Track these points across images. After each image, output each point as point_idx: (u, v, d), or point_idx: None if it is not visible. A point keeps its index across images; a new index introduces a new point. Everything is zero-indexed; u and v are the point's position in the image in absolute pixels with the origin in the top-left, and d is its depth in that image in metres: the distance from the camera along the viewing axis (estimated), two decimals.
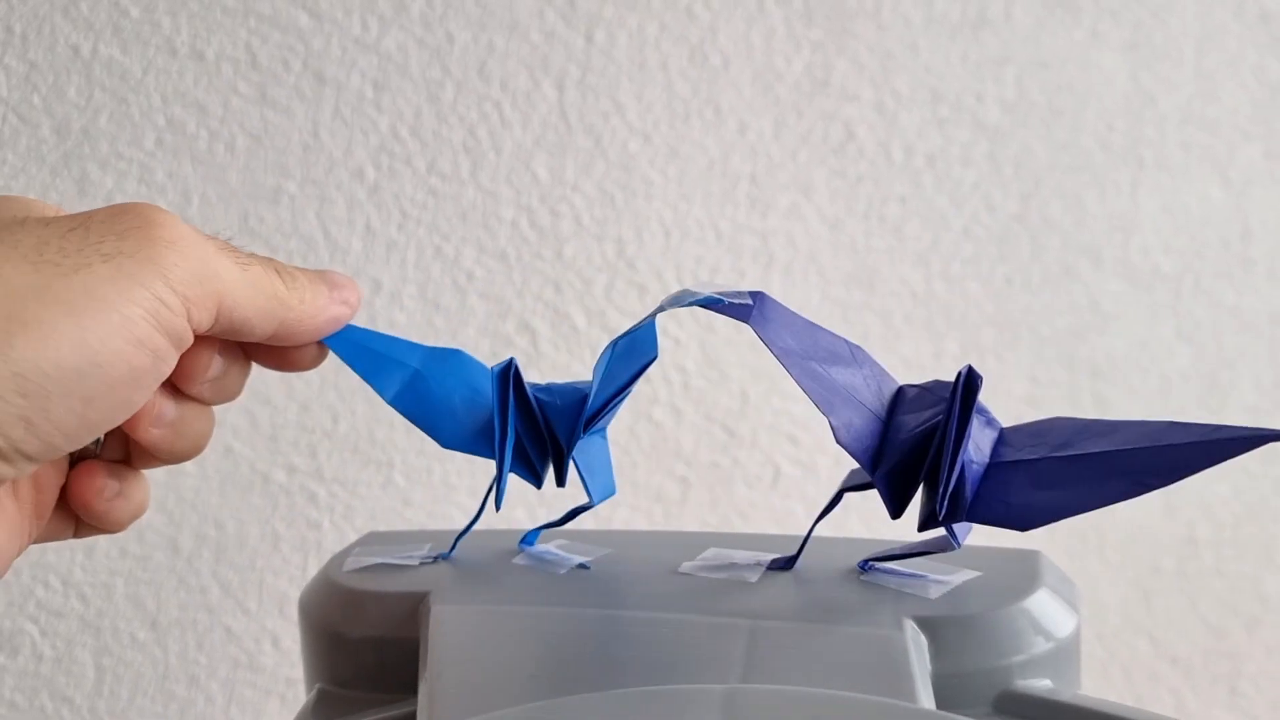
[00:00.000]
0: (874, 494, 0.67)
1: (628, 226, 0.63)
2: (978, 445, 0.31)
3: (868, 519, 0.66)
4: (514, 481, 0.52)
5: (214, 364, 0.32)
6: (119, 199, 0.62)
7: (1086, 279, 0.65)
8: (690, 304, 0.32)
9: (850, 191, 0.64)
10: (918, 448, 0.31)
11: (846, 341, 0.33)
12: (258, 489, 0.63)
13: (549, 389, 0.36)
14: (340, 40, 0.62)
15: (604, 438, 0.37)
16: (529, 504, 0.64)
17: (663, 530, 0.63)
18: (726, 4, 0.63)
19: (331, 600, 0.36)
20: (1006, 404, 0.66)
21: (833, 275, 0.64)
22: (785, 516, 0.65)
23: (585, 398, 0.35)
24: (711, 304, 0.32)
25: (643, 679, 0.29)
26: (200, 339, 0.31)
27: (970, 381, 0.30)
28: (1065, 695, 0.30)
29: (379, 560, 0.37)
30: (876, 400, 0.32)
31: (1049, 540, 0.67)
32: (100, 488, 0.33)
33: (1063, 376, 0.66)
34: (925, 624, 0.30)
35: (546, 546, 0.38)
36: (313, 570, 0.63)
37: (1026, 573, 0.33)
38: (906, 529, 0.68)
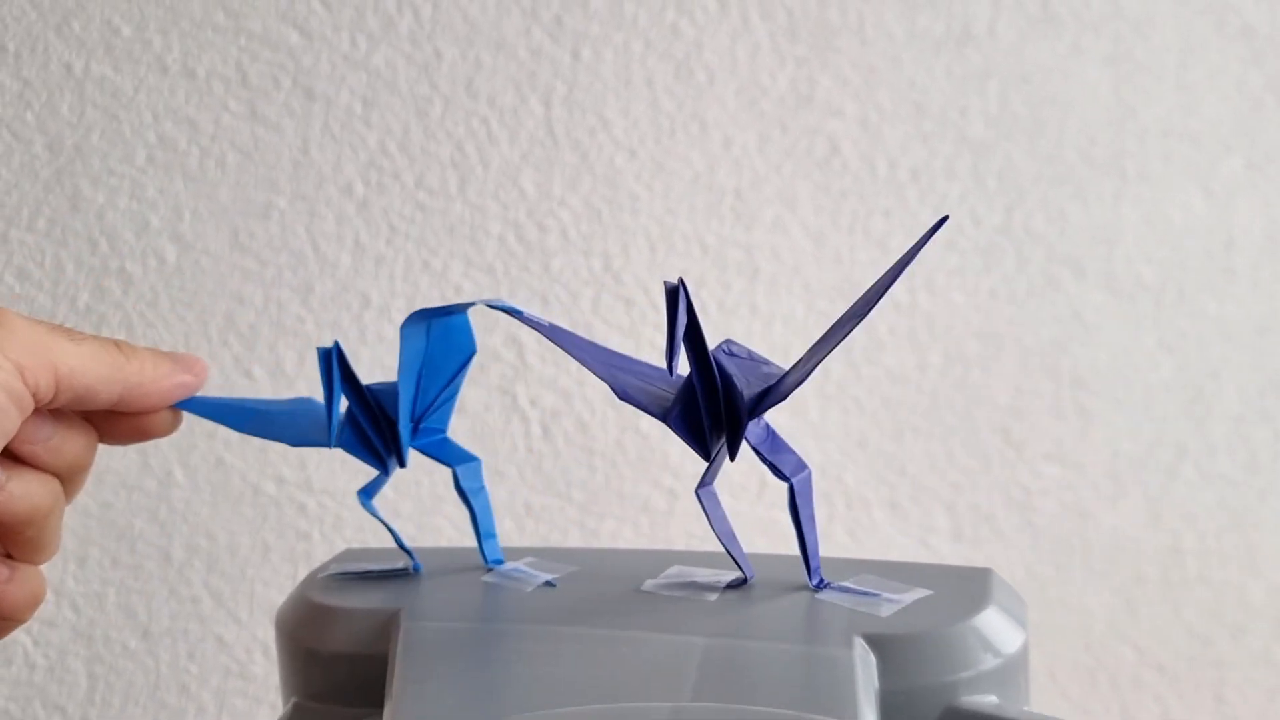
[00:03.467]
0: (863, 508, 0.68)
1: (614, 240, 0.64)
2: (745, 377, 0.34)
3: (853, 529, 0.67)
4: (499, 497, 0.53)
5: (44, 428, 0.35)
6: (110, 215, 0.63)
7: (1070, 290, 0.66)
8: (497, 307, 0.36)
9: (835, 205, 0.65)
10: (696, 391, 0.34)
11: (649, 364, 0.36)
12: (248, 500, 0.64)
13: (377, 384, 0.39)
14: (329, 57, 0.63)
15: (445, 437, 0.39)
16: (517, 515, 0.65)
17: (628, 549, 0.63)
18: (711, 20, 0.64)
19: (306, 617, 0.37)
20: (991, 415, 0.66)
21: (817, 288, 0.65)
22: (770, 527, 0.65)
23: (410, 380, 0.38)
24: (513, 313, 0.36)
25: (600, 696, 0.30)
26: (39, 411, 0.35)
27: (674, 292, 0.33)
28: (1011, 711, 0.31)
29: (353, 577, 0.38)
30: (664, 378, 0.35)
31: (1033, 551, 0.68)
32: None
33: (1047, 387, 0.66)
34: (874, 641, 0.31)
35: (515, 564, 0.39)
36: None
37: (976, 591, 0.33)
38: (883, 546, 0.68)
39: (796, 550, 0.36)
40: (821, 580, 0.35)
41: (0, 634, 0.37)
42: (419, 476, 0.64)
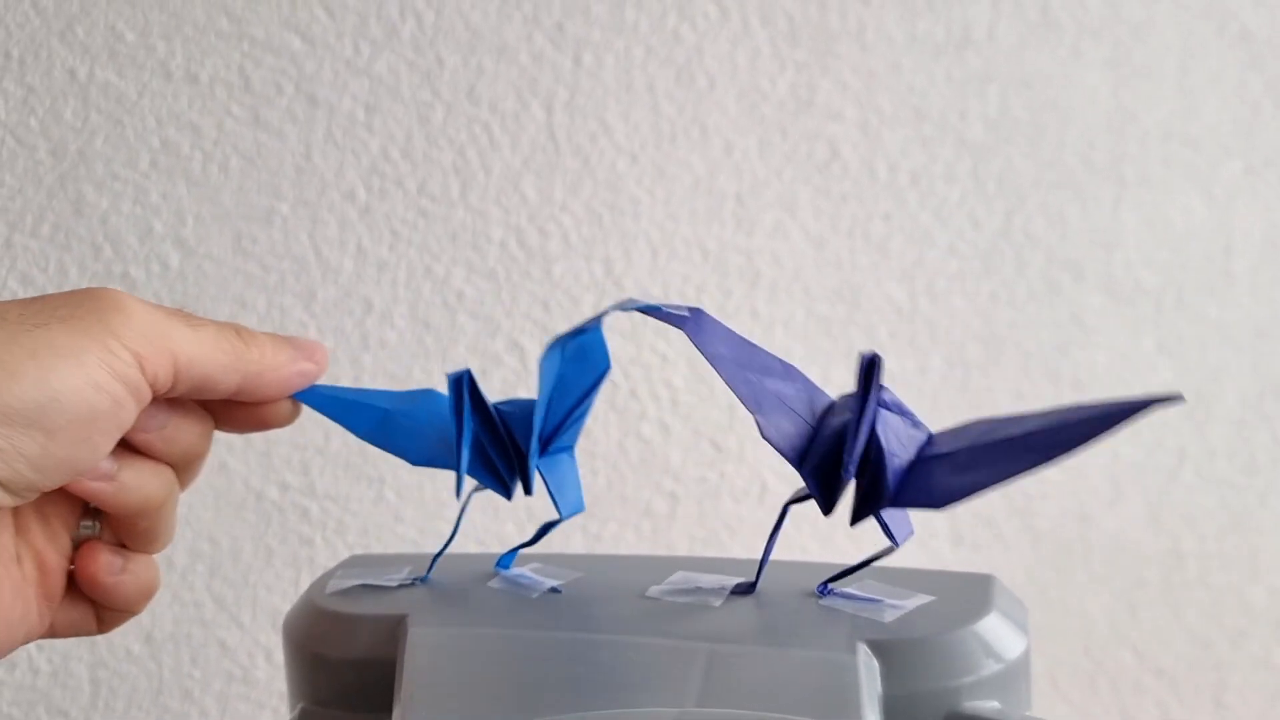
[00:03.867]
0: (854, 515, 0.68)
1: (615, 246, 0.64)
2: (900, 441, 0.32)
3: (854, 535, 0.67)
4: (499, 501, 0.53)
5: (159, 416, 0.34)
6: (114, 220, 0.63)
7: (1069, 294, 0.66)
8: (632, 309, 0.34)
9: (835, 209, 0.65)
10: (841, 442, 0.33)
11: (781, 360, 0.34)
12: (251, 505, 0.64)
13: (509, 402, 0.37)
14: (332, 64, 0.63)
15: (571, 455, 0.38)
16: (519, 520, 0.65)
17: (633, 554, 0.63)
18: (712, 26, 0.64)
19: (313, 623, 0.37)
20: None
21: (818, 292, 0.65)
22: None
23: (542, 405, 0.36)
24: (651, 310, 0.34)
25: (606, 701, 0.30)
26: (155, 400, 0.33)
27: (871, 364, 0.32)
28: (1013, 716, 0.31)
29: (359, 583, 0.39)
30: (807, 408, 0.33)
31: (1034, 555, 0.68)
32: (104, 564, 0.35)
33: (1047, 391, 0.67)
34: (878, 647, 0.31)
35: (521, 570, 0.39)
36: (305, 586, 0.64)
37: (978, 597, 0.33)
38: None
39: (800, 556, 0.36)
40: (825, 586, 0.35)
41: (113, 624, 0.36)
42: (421, 482, 0.64)
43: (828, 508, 0.33)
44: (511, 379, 0.64)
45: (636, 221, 0.64)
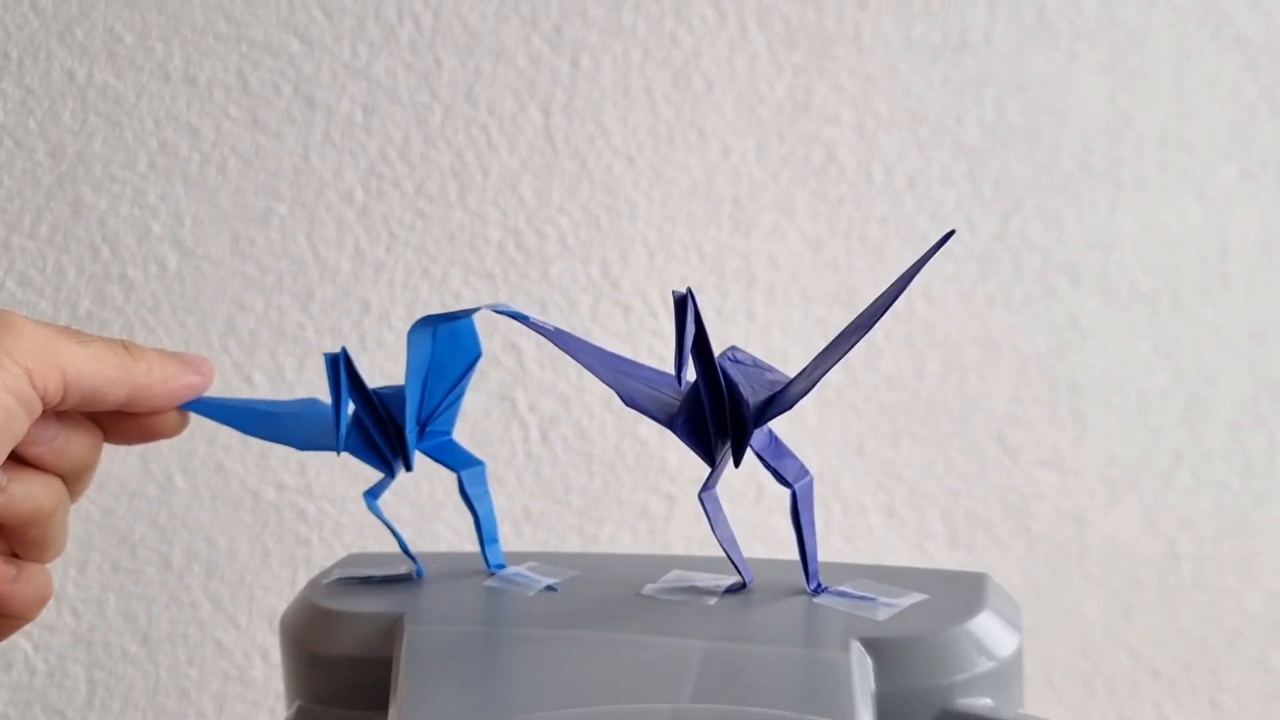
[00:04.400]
0: (859, 514, 0.68)
1: (612, 248, 0.64)
2: (751, 385, 0.35)
3: (850, 535, 0.67)
4: (498, 502, 0.53)
5: (49, 429, 0.36)
6: (112, 221, 0.63)
7: (1066, 297, 0.66)
8: (502, 312, 0.36)
9: (832, 212, 0.65)
10: (702, 398, 0.35)
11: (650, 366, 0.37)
12: (248, 506, 0.64)
13: (385, 386, 0.39)
14: (330, 65, 0.63)
15: (451, 440, 0.39)
16: (515, 520, 0.65)
17: (629, 554, 0.64)
18: (709, 29, 0.64)
19: (310, 621, 0.38)
20: (989, 421, 0.67)
21: (815, 295, 0.65)
22: (768, 533, 0.66)
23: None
24: (519, 318, 0.36)
25: (602, 697, 0.30)
26: (45, 412, 0.35)
27: (680, 302, 0.33)
28: (1006, 713, 0.31)
29: (357, 581, 0.39)
30: (669, 385, 0.36)
31: (1030, 556, 0.68)
32: None
33: (1043, 393, 0.67)
34: (871, 645, 0.32)
35: (517, 569, 0.39)
36: (302, 585, 0.64)
37: (971, 595, 0.34)
38: (879, 552, 0.68)
39: (794, 555, 0.36)
40: (819, 585, 0.35)
41: (6, 633, 0.37)
42: (419, 482, 0.64)
43: (710, 457, 0.35)
44: (509, 380, 0.65)
45: (634, 224, 0.64)
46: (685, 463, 0.66)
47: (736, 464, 0.35)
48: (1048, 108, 0.65)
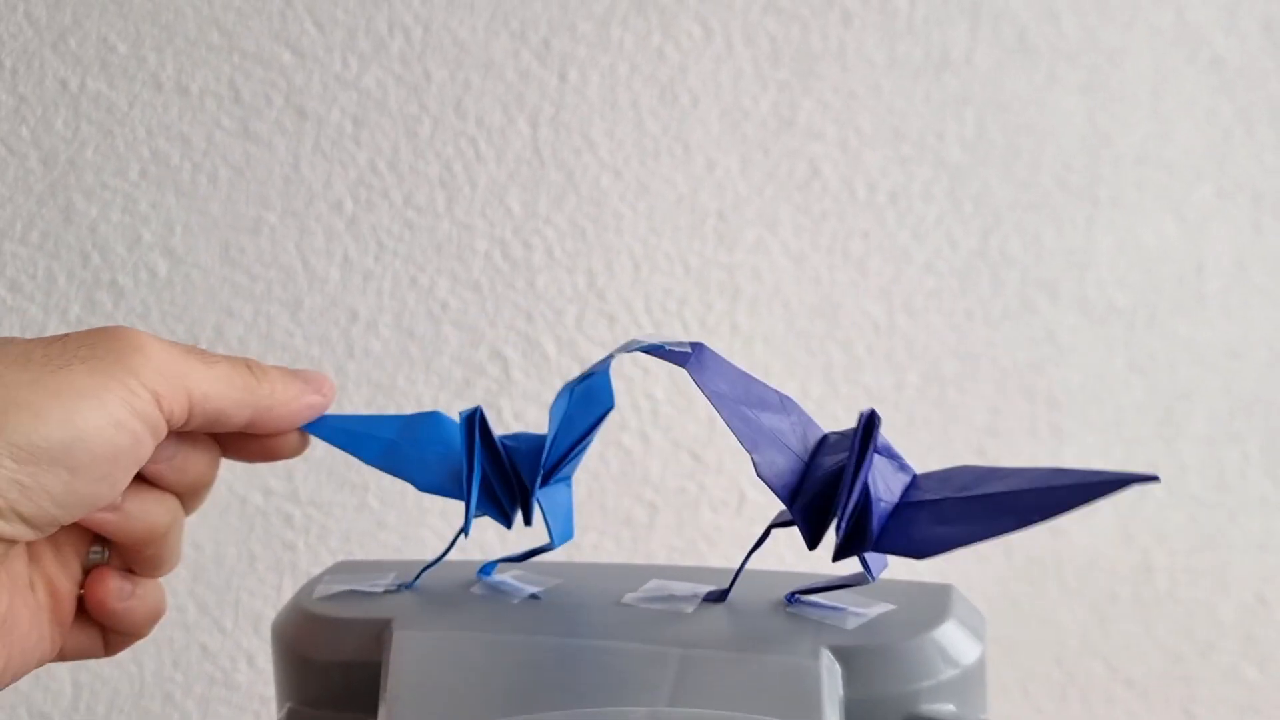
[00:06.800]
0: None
1: (598, 259, 0.65)
2: (887, 485, 0.33)
3: (825, 545, 0.68)
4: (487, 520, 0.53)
5: (169, 448, 0.35)
6: (103, 229, 0.63)
7: (1044, 312, 0.67)
8: (635, 350, 0.35)
9: (815, 227, 0.66)
10: (831, 484, 0.34)
11: (778, 392, 0.35)
12: (235, 511, 0.64)
13: (515, 437, 0.39)
14: (321, 77, 0.64)
15: (568, 485, 0.39)
16: (502, 533, 0.66)
17: (610, 563, 0.64)
18: (696, 45, 0.65)
19: (301, 626, 0.38)
20: (968, 434, 0.67)
21: (797, 308, 0.66)
22: (749, 541, 0.66)
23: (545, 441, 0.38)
24: (654, 350, 0.35)
25: (583, 701, 0.31)
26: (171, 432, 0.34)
27: (870, 421, 0.33)
28: (969, 719, 0.32)
29: (346, 588, 0.39)
30: (800, 444, 0.34)
31: (1007, 567, 0.69)
32: (113, 589, 0.36)
33: (1022, 408, 0.68)
34: (840, 653, 0.32)
35: (502, 577, 0.40)
36: (287, 590, 0.65)
37: (937, 605, 0.34)
38: (856, 563, 0.69)
39: (775, 565, 0.37)
40: (792, 594, 0.36)
41: (120, 648, 0.37)
42: (404, 489, 0.65)
43: (813, 544, 0.34)
44: (494, 389, 0.65)
45: (619, 236, 0.65)
46: (668, 471, 0.66)
47: (833, 559, 0.33)
48: (1028, 126, 0.66)
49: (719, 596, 0.36)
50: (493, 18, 0.64)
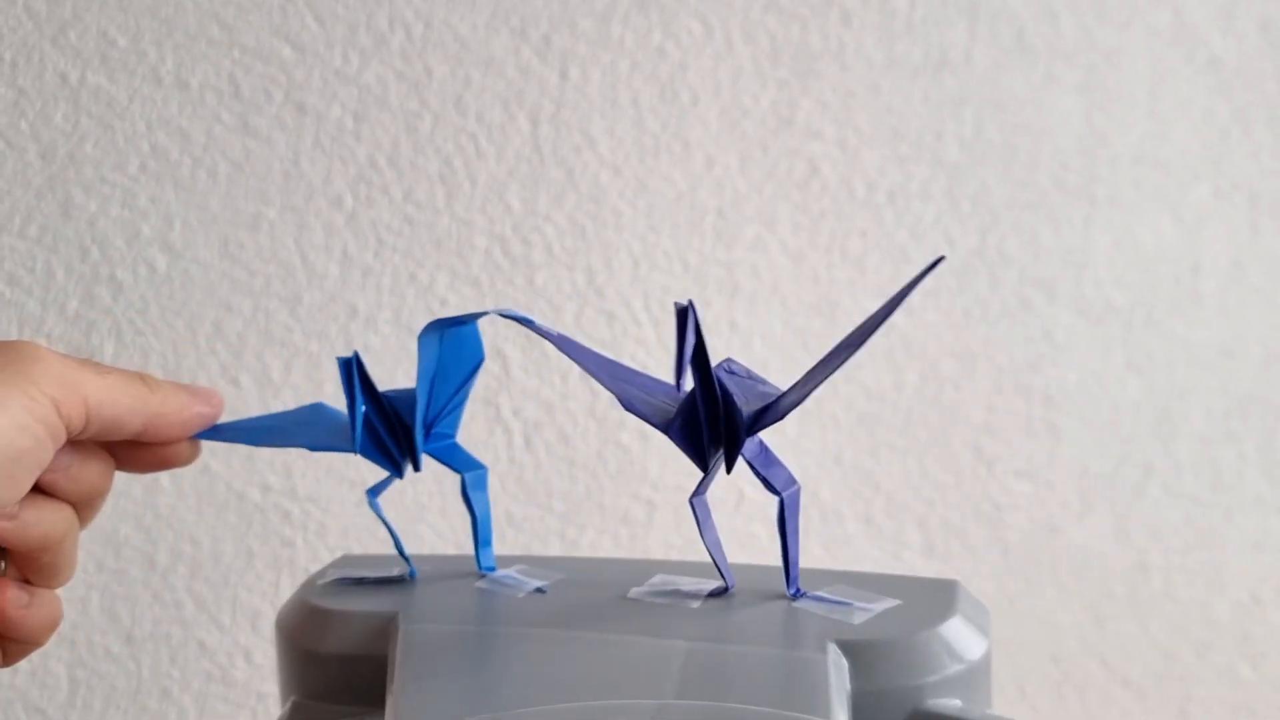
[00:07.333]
0: (838, 522, 0.69)
1: (597, 256, 0.65)
2: (745, 396, 0.36)
3: (828, 543, 0.68)
4: (496, 517, 0.54)
5: (64, 457, 0.36)
6: (102, 223, 0.63)
7: (1041, 311, 0.67)
8: (509, 316, 0.37)
9: (813, 225, 0.66)
10: (697, 406, 0.36)
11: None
12: (233, 507, 0.64)
13: (393, 390, 0.40)
14: (321, 72, 0.64)
15: (455, 444, 0.40)
16: (498, 524, 0.66)
17: (614, 558, 0.64)
18: (696, 43, 0.65)
19: (306, 619, 0.38)
20: (965, 432, 0.68)
21: (795, 306, 0.66)
22: (748, 540, 0.67)
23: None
24: (525, 322, 0.37)
25: (589, 695, 0.31)
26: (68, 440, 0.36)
27: (682, 312, 0.35)
28: (974, 714, 0.32)
29: (351, 582, 0.40)
30: (668, 391, 0.37)
31: (1003, 565, 0.69)
32: (11, 598, 0.37)
33: (1018, 406, 0.68)
34: (846, 647, 0.33)
35: (507, 571, 0.40)
36: (285, 586, 0.65)
37: (943, 601, 0.35)
38: (857, 559, 0.69)
39: (774, 561, 0.37)
40: (798, 590, 0.36)
41: (18, 657, 0.38)
42: (403, 485, 0.65)
43: (703, 463, 0.36)
44: (494, 384, 0.65)
45: (618, 233, 0.65)
46: (666, 469, 0.66)
47: (728, 470, 0.36)
48: (1025, 126, 0.67)
49: (724, 591, 0.37)
50: (494, 14, 0.64)
